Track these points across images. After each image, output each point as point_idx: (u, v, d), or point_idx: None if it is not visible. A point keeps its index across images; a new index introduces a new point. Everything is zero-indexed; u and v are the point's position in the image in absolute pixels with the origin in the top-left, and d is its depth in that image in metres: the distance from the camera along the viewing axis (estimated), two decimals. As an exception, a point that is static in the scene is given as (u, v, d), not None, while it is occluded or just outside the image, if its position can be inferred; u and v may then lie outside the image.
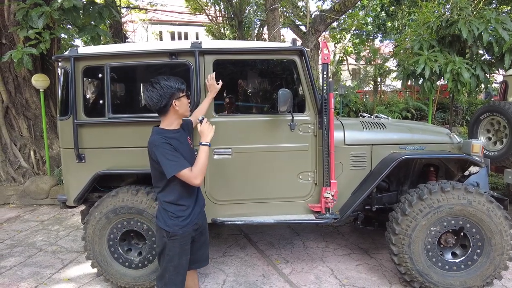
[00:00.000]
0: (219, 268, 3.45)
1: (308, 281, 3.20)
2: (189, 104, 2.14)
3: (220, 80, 2.84)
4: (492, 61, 4.86)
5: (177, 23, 23.11)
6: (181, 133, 2.13)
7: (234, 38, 14.65)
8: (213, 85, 2.81)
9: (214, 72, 2.85)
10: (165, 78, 2.04)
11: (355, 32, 15.68)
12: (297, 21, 13.71)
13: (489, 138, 4.53)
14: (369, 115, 3.75)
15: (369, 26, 14.94)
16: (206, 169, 2.03)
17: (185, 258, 2.13)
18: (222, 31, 16.16)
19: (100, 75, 2.95)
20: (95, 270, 3.11)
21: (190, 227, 2.11)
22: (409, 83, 5.84)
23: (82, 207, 3.39)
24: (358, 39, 15.89)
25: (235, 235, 4.25)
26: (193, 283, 2.39)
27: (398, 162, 2.93)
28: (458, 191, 2.74)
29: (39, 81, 5.67)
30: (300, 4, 14.28)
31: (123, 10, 13.64)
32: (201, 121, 2.14)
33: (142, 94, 3.70)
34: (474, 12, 4.71)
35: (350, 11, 12.09)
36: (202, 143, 2.06)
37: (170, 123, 2.09)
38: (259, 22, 13.58)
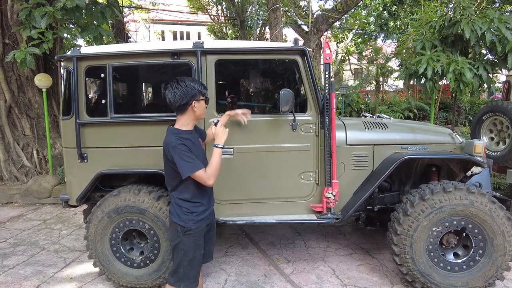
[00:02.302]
0: (220, 267, 3.45)
1: (310, 281, 3.20)
2: (206, 108, 2.21)
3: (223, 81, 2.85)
4: (495, 60, 4.84)
5: (179, 22, 23.10)
6: (194, 134, 2.20)
7: (236, 38, 14.65)
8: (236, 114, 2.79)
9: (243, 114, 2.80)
10: (191, 79, 2.13)
11: (357, 31, 15.65)
12: (299, 20, 13.69)
13: (492, 138, 4.52)
14: (371, 115, 3.75)
15: (371, 26, 14.91)
16: (218, 172, 2.11)
17: (199, 252, 2.19)
18: (224, 30, 16.16)
19: (102, 75, 2.96)
20: (97, 269, 3.13)
21: (204, 222, 2.17)
22: (411, 82, 5.82)
23: (85, 206, 3.40)
24: (360, 39, 15.85)
25: (236, 235, 4.26)
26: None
27: (400, 162, 2.92)
28: (460, 192, 2.73)
29: (41, 80, 5.69)
30: (302, 3, 14.27)
31: (125, 10, 13.66)
32: (215, 124, 2.22)
33: (145, 94, 3.71)
34: (477, 12, 4.69)
35: (352, 10, 12.06)
36: (216, 145, 2.15)
37: (186, 123, 2.15)
38: (261, 22, 13.57)
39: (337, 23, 13.72)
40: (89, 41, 7.00)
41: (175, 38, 26.98)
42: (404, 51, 5.96)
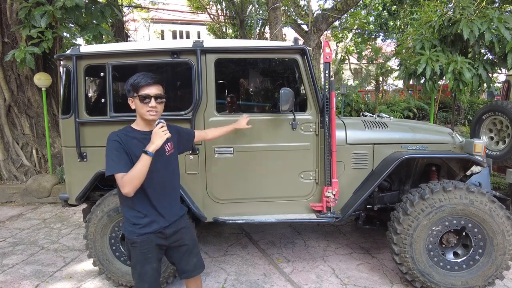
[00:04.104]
0: (220, 267, 3.45)
1: (309, 280, 3.20)
2: (148, 108, 1.90)
3: (223, 81, 2.82)
4: (495, 60, 4.85)
5: (179, 22, 23.09)
6: (149, 136, 1.91)
7: (236, 37, 14.65)
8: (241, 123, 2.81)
9: (248, 118, 2.85)
10: (135, 76, 1.94)
11: (357, 31, 15.65)
12: (299, 20, 13.69)
13: (491, 138, 4.52)
14: (371, 115, 3.75)
15: (371, 25, 14.91)
16: (139, 180, 1.81)
17: (150, 266, 2.00)
18: (224, 30, 16.15)
19: (102, 74, 2.95)
20: (96, 268, 3.12)
21: (150, 236, 1.97)
22: (411, 82, 5.82)
23: (84, 205, 3.39)
24: (360, 38, 15.86)
25: (236, 234, 4.26)
26: (195, 285, 2.26)
27: (400, 162, 2.92)
28: (460, 191, 2.73)
29: (41, 79, 5.68)
30: (302, 3, 14.27)
31: (125, 9, 13.64)
32: (157, 125, 1.90)
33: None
34: (477, 11, 4.69)
35: (352, 10, 12.06)
36: (143, 150, 1.83)
37: (137, 121, 2.00)
38: (260, 21, 13.57)
39: (336, 23, 13.72)
40: (88, 40, 7.00)
41: (174, 37, 26.96)
42: (403, 50, 5.96)
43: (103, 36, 5.65)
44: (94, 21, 5.53)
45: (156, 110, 1.94)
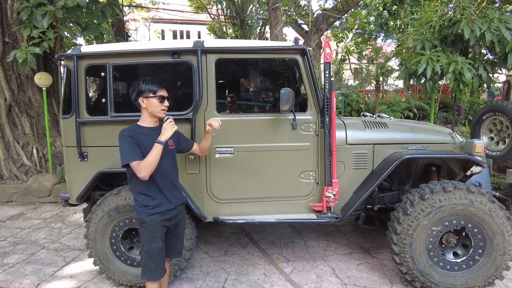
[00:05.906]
0: (220, 266, 3.46)
1: (309, 280, 3.21)
2: (162, 107, 2.27)
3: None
4: (495, 60, 4.85)
5: (179, 21, 23.06)
6: (155, 132, 2.23)
7: (236, 37, 14.65)
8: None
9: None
10: (142, 79, 2.26)
11: (357, 31, 15.64)
12: (299, 20, 13.68)
13: (492, 138, 4.52)
14: (371, 115, 3.75)
15: (371, 25, 14.90)
16: (153, 166, 2.12)
17: (156, 245, 2.25)
18: (224, 30, 16.15)
19: (102, 74, 2.96)
20: (97, 268, 3.13)
21: (158, 216, 2.25)
22: (411, 82, 5.82)
23: (85, 205, 3.40)
24: (360, 38, 15.84)
25: (236, 234, 4.26)
26: (167, 265, 2.53)
27: (400, 162, 2.93)
28: (460, 191, 2.73)
29: (42, 79, 5.69)
30: (303, 3, 14.25)
31: (126, 9, 13.64)
32: (165, 121, 2.24)
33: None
34: (477, 12, 4.69)
35: (353, 10, 12.05)
36: (155, 141, 2.16)
37: (144, 119, 2.30)
38: (261, 21, 13.57)
39: (337, 23, 13.71)
40: (89, 40, 7.00)
41: (175, 37, 26.93)
42: (404, 50, 5.96)
43: (104, 36, 5.66)
44: (95, 21, 5.53)
45: (167, 109, 2.33)
